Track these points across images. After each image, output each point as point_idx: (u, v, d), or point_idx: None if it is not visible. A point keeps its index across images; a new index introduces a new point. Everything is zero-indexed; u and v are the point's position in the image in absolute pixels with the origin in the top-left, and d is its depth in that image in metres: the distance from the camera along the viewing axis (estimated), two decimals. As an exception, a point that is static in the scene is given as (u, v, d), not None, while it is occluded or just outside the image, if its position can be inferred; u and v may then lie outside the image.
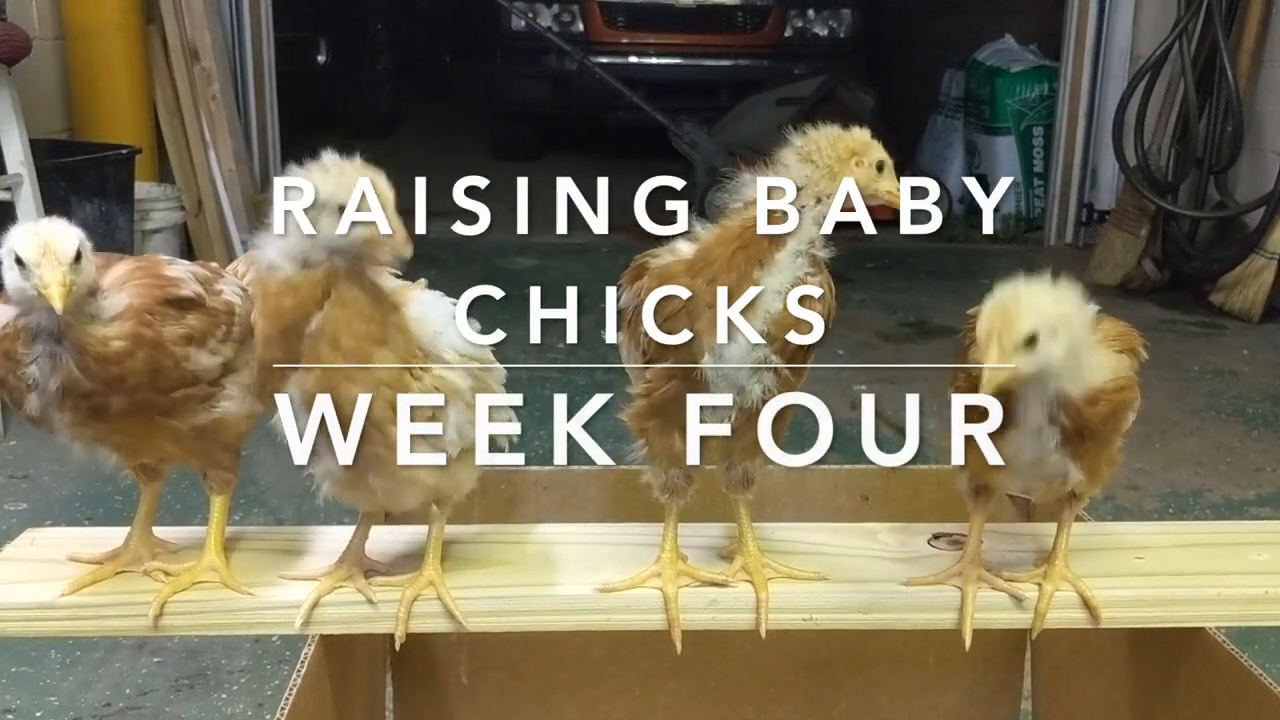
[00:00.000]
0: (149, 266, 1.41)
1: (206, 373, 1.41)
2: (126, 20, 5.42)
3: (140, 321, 1.34)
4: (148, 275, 1.39)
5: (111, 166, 4.83)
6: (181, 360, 1.37)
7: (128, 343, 1.33)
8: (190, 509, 1.80)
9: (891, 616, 1.48)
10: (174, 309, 1.38)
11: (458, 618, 1.42)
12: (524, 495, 1.89)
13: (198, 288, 1.41)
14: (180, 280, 1.40)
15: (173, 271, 1.41)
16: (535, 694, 1.94)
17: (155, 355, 1.35)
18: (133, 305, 1.34)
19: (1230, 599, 1.49)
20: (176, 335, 1.37)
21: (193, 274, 1.43)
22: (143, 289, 1.36)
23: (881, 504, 1.91)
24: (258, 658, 2.57)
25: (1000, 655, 1.98)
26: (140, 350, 1.34)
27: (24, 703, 2.41)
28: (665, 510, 1.48)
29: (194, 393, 1.40)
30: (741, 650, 1.92)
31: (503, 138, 9.47)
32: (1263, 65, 5.62)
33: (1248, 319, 5.31)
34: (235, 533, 1.58)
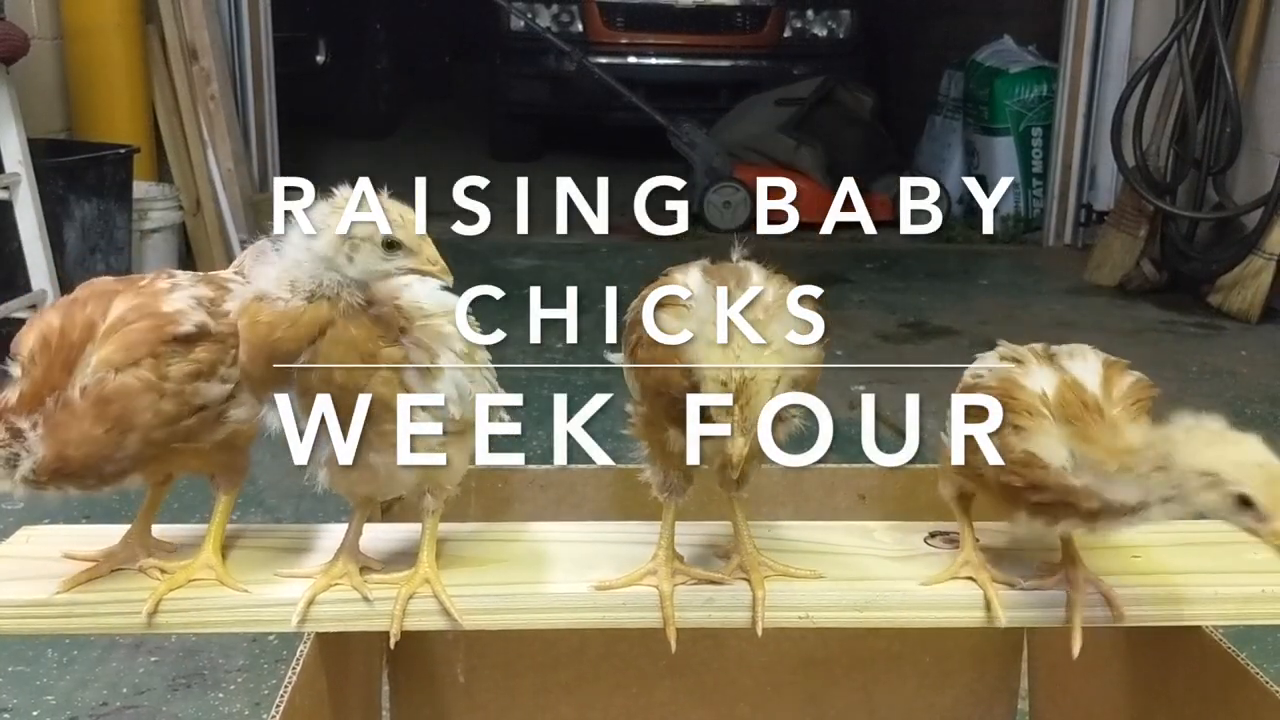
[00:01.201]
0: (147, 305, 1.35)
1: (217, 400, 1.38)
2: (125, 20, 5.42)
3: (60, 426, 1.30)
4: (145, 315, 1.34)
5: (110, 166, 4.83)
6: (190, 397, 1.35)
7: (53, 454, 1.31)
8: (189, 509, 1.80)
9: (888, 615, 1.48)
10: (179, 345, 1.34)
11: (454, 615, 1.41)
12: (520, 494, 1.89)
13: (201, 317, 1.37)
14: (181, 315, 1.36)
15: (173, 304, 1.36)
16: (532, 692, 1.94)
17: (116, 409, 1.31)
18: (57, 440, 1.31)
19: (1227, 598, 1.49)
20: (183, 374, 1.34)
21: (195, 300, 1.38)
22: (138, 334, 1.32)
23: (878, 503, 1.90)
24: (255, 657, 2.57)
25: (997, 654, 1.98)
26: (75, 437, 1.31)
27: (21, 701, 2.40)
28: (663, 509, 1.48)
29: (208, 415, 1.38)
30: (738, 649, 1.92)
31: (502, 138, 9.48)
32: (1261, 66, 5.62)
33: (1246, 320, 5.31)
34: (232, 531, 1.57)
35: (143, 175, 5.30)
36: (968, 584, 1.51)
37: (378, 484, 1.41)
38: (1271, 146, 5.49)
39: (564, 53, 8.10)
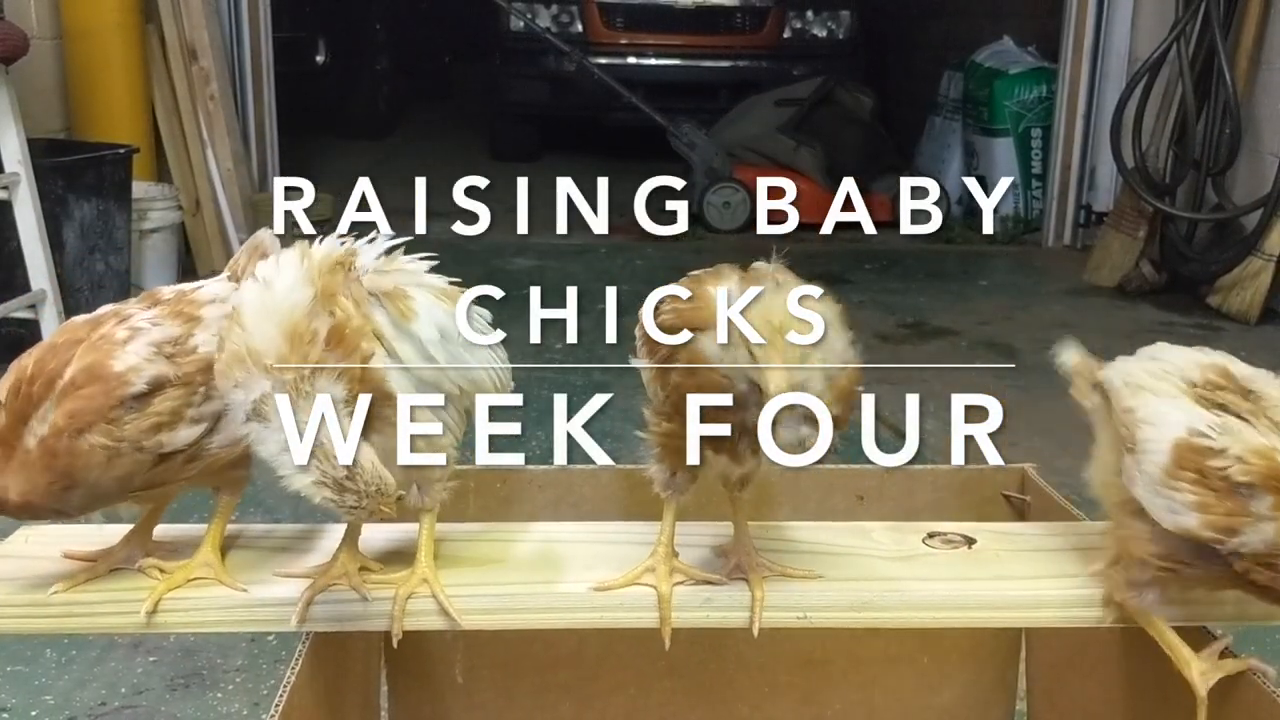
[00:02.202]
0: (97, 365, 1.31)
1: (188, 443, 1.36)
2: (125, 20, 5.42)
3: (12, 472, 1.30)
4: (95, 379, 1.30)
5: (109, 166, 4.83)
6: (154, 448, 1.33)
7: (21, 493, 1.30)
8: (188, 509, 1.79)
9: (886, 615, 1.48)
10: (135, 402, 1.31)
11: (452, 615, 1.41)
12: (520, 494, 1.89)
13: (157, 370, 1.33)
14: (133, 373, 1.31)
15: (126, 361, 1.32)
16: (531, 692, 1.94)
17: (69, 466, 1.30)
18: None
19: (1223, 598, 1.49)
20: (141, 430, 1.31)
21: (154, 349, 1.34)
22: (84, 401, 1.29)
23: (877, 503, 1.91)
24: (253, 657, 2.57)
25: (995, 655, 1.99)
26: (27, 486, 1.30)
27: (19, 701, 2.40)
28: (664, 507, 1.48)
29: (182, 456, 1.37)
30: (737, 649, 1.92)
31: (502, 138, 9.49)
32: (1260, 67, 5.62)
33: (1245, 321, 5.32)
34: (231, 531, 1.57)
35: (142, 175, 5.30)
36: (970, 584, 1.51)
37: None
38: (1271, 147, 5.49)
39: (564, 53, 8.10)
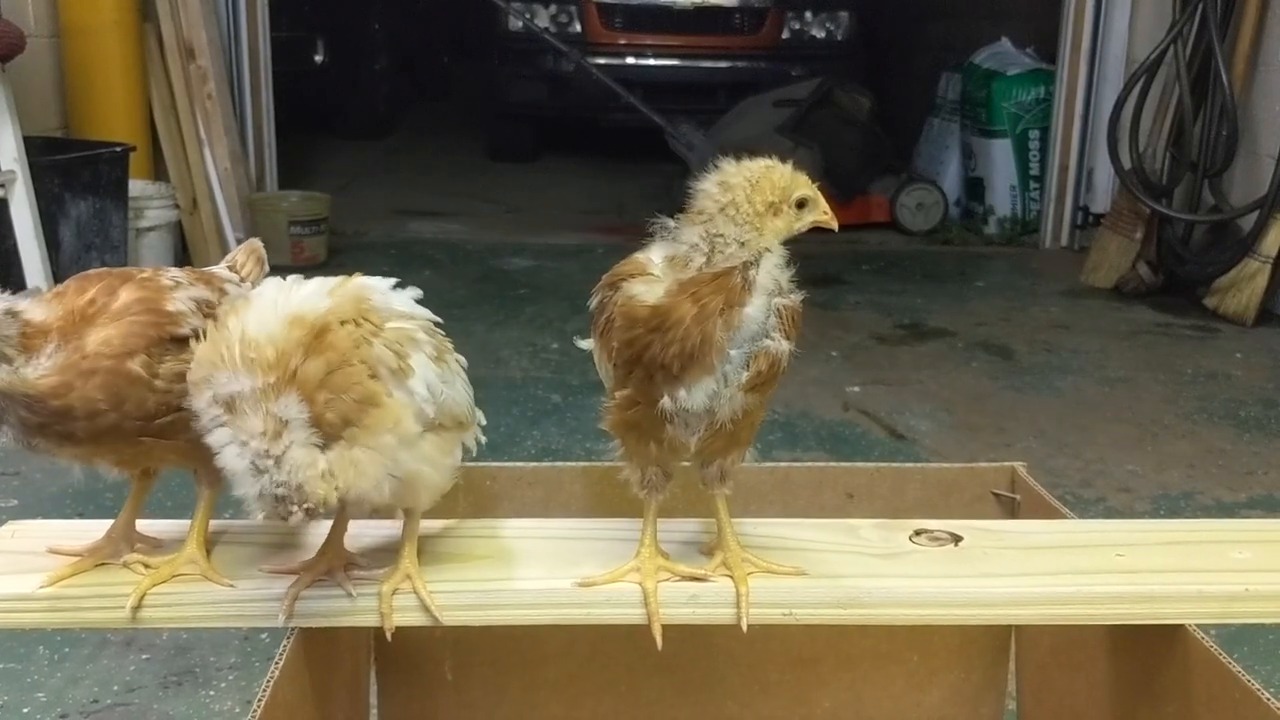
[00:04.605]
0: (151, 299, 1.39)
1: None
2: (122, 18, 5.42)
3: (72, 366, 1.32)
4: (147, 310, 1.37)
5: (106, 164, 4.84)
6: (174, 397, 1.35)
7: (57, 382, 1.31)
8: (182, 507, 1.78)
9: (871, 612, 1.48)
10: (173, 345, 1.37)
11: (433, 611, 1.41)
12: (508, 491, 1.89)
13: (199, 321, 1.39)
14: (180, 317, 1.39)
15: (175, 304, 1.39)
16: (520, 689, 1.94)
17: (114, 385, 1.33)
18: (81, 348, 1.32)
19: (1211, 596, 1.49)
20: (173, 373, 1.35)
21: (196, 302, 1.41)
22: (139, 327, 1.35)
23: (866, 501, 1.91)
24: (246, 655, 2.57)
25: (984, 653, 1.98)
26: (79, 385, 1.32)
27: (11, 699, 2.40)
28: (644, 506, 1.48)
29: (185, 415, 1.37)
30: (726, 647, 1.92)
31: (500, 138, 9.49)
32: (1257, 69, 5.62)
33: (1241, 322, 5.32)
34: (218, 528, 1.58)
35: (139, 173, 5.31)
36: (955, 581, 1.51)
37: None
38: (1267, 149, 5.49)
39: (562, 53, 8.09)
